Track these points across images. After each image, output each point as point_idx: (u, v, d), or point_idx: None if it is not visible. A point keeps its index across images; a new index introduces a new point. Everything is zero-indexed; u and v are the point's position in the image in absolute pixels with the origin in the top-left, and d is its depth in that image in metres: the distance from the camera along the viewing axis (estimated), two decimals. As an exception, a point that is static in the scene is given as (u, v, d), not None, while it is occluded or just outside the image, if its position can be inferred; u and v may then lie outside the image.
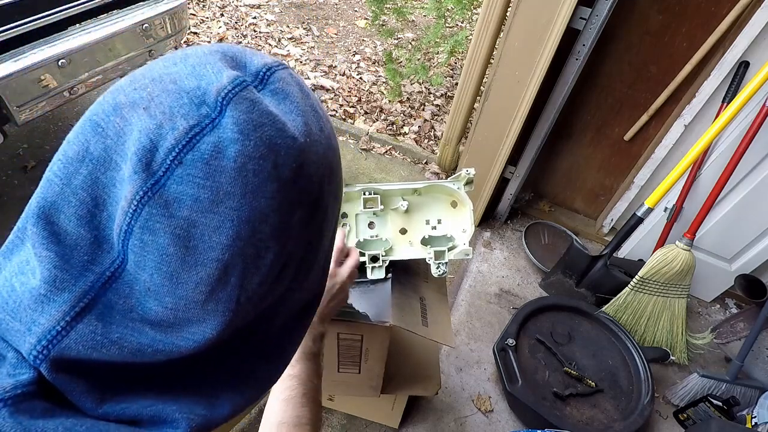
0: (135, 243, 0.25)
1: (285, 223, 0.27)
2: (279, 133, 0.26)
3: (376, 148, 2.48)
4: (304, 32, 3.32)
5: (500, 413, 1.47)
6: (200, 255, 0.25)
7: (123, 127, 0.26)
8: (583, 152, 2.02)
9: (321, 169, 0.30)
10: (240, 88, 0.26)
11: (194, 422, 0.29)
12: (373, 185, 0.97)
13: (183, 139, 0.25)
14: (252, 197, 0.25)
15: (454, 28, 3.48)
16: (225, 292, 0.27)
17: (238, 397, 0.33)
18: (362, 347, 0.99)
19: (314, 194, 0.30)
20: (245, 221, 0.25)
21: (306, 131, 0.28)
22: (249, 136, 0.25)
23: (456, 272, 1.91)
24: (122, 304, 0.26)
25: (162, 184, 0.24)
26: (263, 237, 0.27)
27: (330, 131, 0.32)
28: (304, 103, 0.30)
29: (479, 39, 1.73)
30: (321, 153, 0.30)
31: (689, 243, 1.58)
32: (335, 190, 0.33)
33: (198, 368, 0.30)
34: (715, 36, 1.52)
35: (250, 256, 0.26)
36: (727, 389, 1.48)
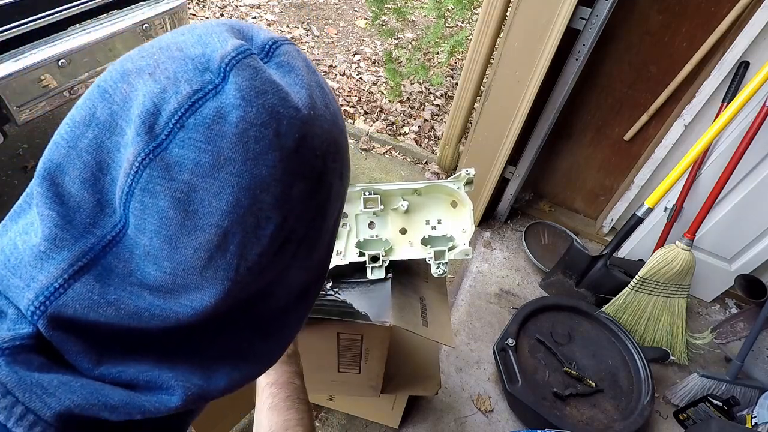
0: (136, 206, 0.25)
1: (286, 194, 0.27)
2: (282, 102, 0.27)
3: (376, 148, 2.48)
4: (304, 32, 3.32)
5: (500, 413, 1.47)
6: (200, 220, 0.26)
7: (129, 92, 0.26)
8: (583, 152, 2.02)
9: (325, 144, 0.30)
10: (244, 56, 0.26)
11: (190, 391, 0.30)
12: (373, 185, 0.97)
13: (186, 103, 0.25)
14: (253, 164, 0.25)
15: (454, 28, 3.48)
16: (224, 260, 0.27)
17: (235, 372, 0.33)
18: (362, 347, 0.99)
19: (317, 168, 0.29)
20: (245, 188, 0.26)
21: (310, 104, 0.29)
22: (251, 102, 0.25)
23: (456, 272, 1.91)
24: (122, 268, 0.27)
25: (164, 147, 0.25)
26: (264, 206, 0.27)
27: (336, 110, 0.32)
28: (309, 78, 0.30)
29: (479, 39, 1.73)
30: (326, 128, 0.30)
31: (689, 243, 1.58)
32: (340, 168, 0.33)
33: (196, 339, 0.30)
34: (715, 36, 1.52)
35: (250, 225, 0.26)
36: (727, 389, 1.48)
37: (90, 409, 0.26)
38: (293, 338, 0.38)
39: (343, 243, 0.98)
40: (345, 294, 0.95)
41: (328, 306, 0.92)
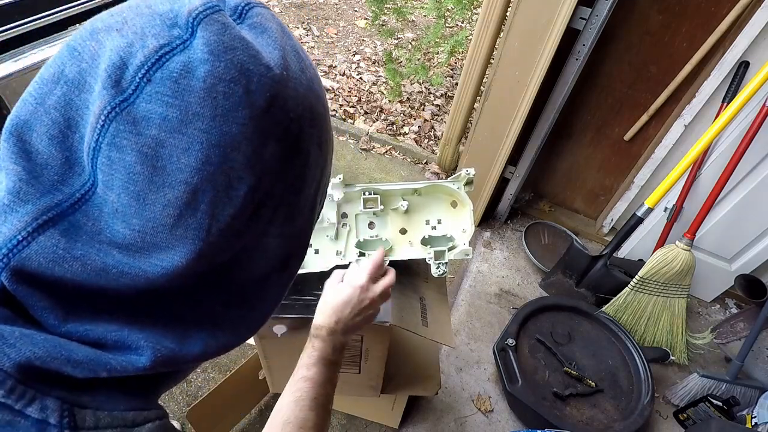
0: (103, 161, 0.25)
1: (258, 154, 0.27)
2: (252, 60, 0.26)
3: (376, 148, 2.48)
4: (304, 32, 3.32)
5: (500, 413, 1.47)
6: (168, 176, 0.25)
7: (97, 49, 0.26)
8: (583, 152, 2.02)
9: (300, 108, 0.29)
10: (212, 11, 0.26)
11: (160, 353, 0.29)
12: (373, 185, 0.97)
13: (152, 57, 0.25)
14: (222, 121, 0.25)
15: (454, 28, 3.48)
16: (194, 219, 0.26)
17: (210, 339, 0.32)
18: (362, 347, 0.99)
19: (292, 132, 0.29)
20: (215, 145, 0.25)
21: (283, 65, 0.28)
22: (219, 57, 0.25)
23: (456, 272, 1.91)
24: (90, 226, 0.26)
25: (131, 102, 0.24)
26: (235, 166, 0.26)
27: (313, 78, 0.32)
28: (284, 42, 0.30)
29: (479, 39, 1.73)
30: (301, 92, 0.29)
31: (689, 243, 1.58)
32: (318, 136, 0.32)
33: (168, 301, 0.30)
34: (715, 36, 1.52)
35: (221, 183, 0.26)
36: (727, 389, 1.48)
37: (52, 363, 0.26)
38: (273, 309, 0.38)
39: (343, 243, 0.98)
40: (345, 294, 0.95)
41: (328, 306, 0.92)
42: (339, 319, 0.69)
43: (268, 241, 0.32)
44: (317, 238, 0.99)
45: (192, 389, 1.39)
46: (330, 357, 0.65)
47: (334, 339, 0.67)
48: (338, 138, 2.49)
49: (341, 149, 2.43)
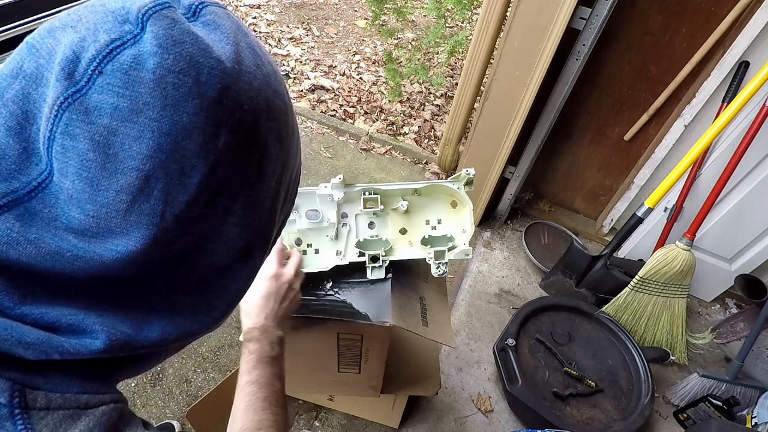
0: (57, 149, 0.26)
1: (211, 144, 0.28)
2: (202, 53, 0.27)
3: (376, 148, 2.48)
4: (304, 32, 3.32)
5: (500, 413, 1.47)
6: (120, 163, 0.26)
7: (54, 46, 0.27)
8: (583, 152, 2.02)
9: (255, 101, 0.30)
10: (162, 7, 0.27)
11: (115, 337, 0.30)
12: (373, 185, 0.97)
13: (104, 50, 0.26)
14: (173, 110, 0.26)
15: (454, 28, 3.48)
16: (148, 205, 0.27)
17: (170, 326, 0.33)
18: (362, 347, 0.99)
19: (246, 123, 0.30)
20: (166, 134, 0.26)
21: (235, 59, 0.29)
22: (168, 50, 0.26)
23: (456, 272, 1.91)
24: (47, 213, 0.27)
25: (83, 93, 0.26)
26: (187, 154, 0.27)
27: (270, 73, 0.33)
28: (238, 38, 0.31)
29: (479, 39, 1.73)
30: (255, 86, 0.30)
31: (689, 243, 1.58)
32: (278, 130, 0.33)
33: (127, 287, 0.30)
34: (715, 36, 1.52)
35: (174, 171, 0.27)
36: (727, 389, 1.48)
37: (2, 344, 0.27)
38: (238, 299, 0.38)
39: (343, 243, 0.98)
40: (345, 294, 0.95)
41: (328, 306, 0.92)
42: (267, 314, 0.70)
43: (227, 229, 0.32)
44: (317, 238, 0.99)
45: (192, 389, 1.39)
46: (270, 353, 0.65)
47: (269, 335, 0.68)
48: (338, 138, 2.49)
49: (341, 149, 2.43)
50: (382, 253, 0.96)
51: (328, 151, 2.40)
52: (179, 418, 1.31)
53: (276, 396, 0.61)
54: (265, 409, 0.58)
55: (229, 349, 1.50)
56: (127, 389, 1.37)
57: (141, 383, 1.39)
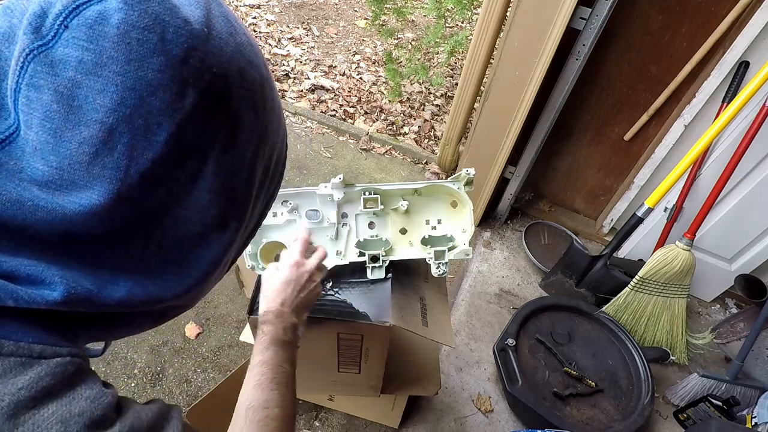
0: (23, 101, 0.26)
1: (178, 102, 0.28)
2: (168, 12, 0.28)
3: (376, 148, 2.48)
4: (304, 32, 3.32)
5: (500, 413, 1.47)
6: (84, 115, 0.26)
7: (27, 6, 0.28)
8: (583, 152, 2.02)
9: (225, 66, 0.30)
10: None
11: (75, 290, 0.30)
12: (373, 185, 0.97)
13: (70, 5, 0.26)
14: (137, 65, 0.26)
15: (454, 28, 3.48)
16: (111, 159, 0.27)
17: (137, 288, 0.33)
18: (362, 347, 0.99)
19: (216, 87, 0.30)
20: (130, 88, 0.27)
21: (205, 23, 0.29)
22: (133, 6, 0.26)
23: (456, 272, 1.91)
24: (12, 165, 0.28)
25: (49, 47, 0.26)
26: (152, 110, 0.27)
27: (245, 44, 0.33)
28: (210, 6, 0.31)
29: (479, 39, 1.73)
30: (227, 51, 0.31)
31: (689, 243, 1.58)
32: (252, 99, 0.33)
33: (93, 244, 0.30)
34: (715, 36, 1.52)
35: (138, 126, 0.27)
36: (727, 389, 1.48)
37: None
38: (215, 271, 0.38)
39: (343, 243, 0.98)
40: (345, 294, 0.95)
41: (328, 306, 0.92)
42: (284, 300, 0.70)
43: (198, 195, 0.32)
44: (317, 238, 0.99)
45: (192, 389, 1.39)
46: (282, 337, 0.66)
47: (284, 320, 0.68)
48: (338, 138, 2.49)
49: (341, 149, 2.43)
50: (382, 253, 0.96)
51: (328, 151, 2.40)
52: (179, 418, 1.31)
53: (285, 378, 0.61)
54: (273, 390, 0.59)
55: (229, 349, 1.50)
56: (127, 389, 1.37)
57: (141, 383, 1.39)
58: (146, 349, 1.47)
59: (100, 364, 1.41)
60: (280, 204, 0.97)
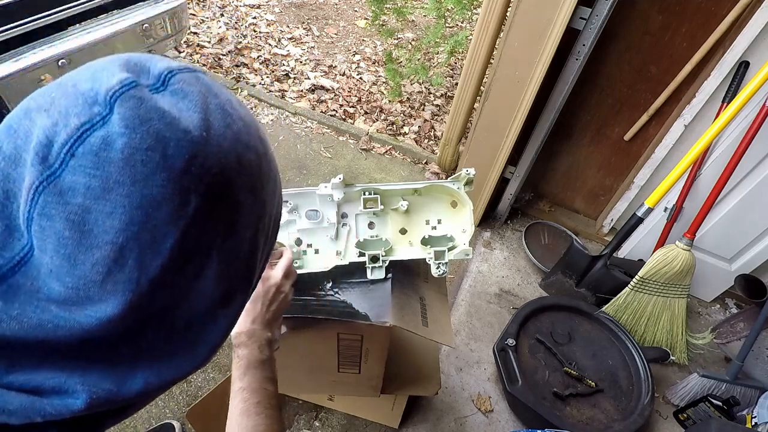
0: (36, 228, 0.28)
1: (181, 211, 0.29)
2: (168, 127, 0.29)
3: (376, 148, 2.48)
4: (304, 32, 3.32)
5: (500, 413, 1.47)
6: (95, 238, 0.28)
7: (30, 128, 0.29)
8: (583, 152, 2.02)
9: (223, 162, 0.32)
10: (128, 88, 0.29)
11: (96, 395, 0.31)
12: (373, 185, 0.97)
13: (75, 134, 0.27)
14: (142, 185, 0.28)
15: (454, 28, 3.48)
16: (123, 274, 0.29)
17: (152, 377, 0.34)
18: (362, 347, 0.99)
19: (216, 185, 0.31)
20: (137, 207, 0.28)
21: (203, 126, 0.31)
22: (135, 129, 0.28)
23: (456, 272, 1.91)
24: (30, 286, 0.29)
25: (57, 175, 0.27)
26: (158, 223, 0.29)
27: (242, 129, 0.34)
28: (207, 102, 0.32)
29: (479, 39, 1.73)
30: (225, 146, 0.32)
31: (689, 243, 1.58)
32: (251, 183, 0.35)
33: (109, 346, 0.32)
34: (715, 36, 1.52)
35: (146, 240, 0.29)
36: (727, 389, 1.48)
37: None
38: (219, 344, 0.39)
39: (343, 243, 0.98)
40: (345, 294, 0.95)
41: (328, 306, 0.92)
42: (254, 318, 0.70)
43: (204, 284, 0.33)
44: (317, 238, 0.99)
45: (192, 389, 1.39)
46: (259, 357, 0.66)
47: (257, 338, 0.68)
48: (338, 138, 2.49)
49: (341, 149, 2.43)
50: (382, 253, 0.96)
51: (328, 151, 2.40)
52: (179, 418, 1.31)
53: (269, 399, 0.62)
54: (259, 414, 0.60)
55: (229, 349, 1.50)
56: (127, 389, 1.37)
57: (141, 383, 1.39)
58: (146, 349, 1.47)
59: (100, 364, 1.41)
60: (280, 204, 0.97)
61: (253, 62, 2.90)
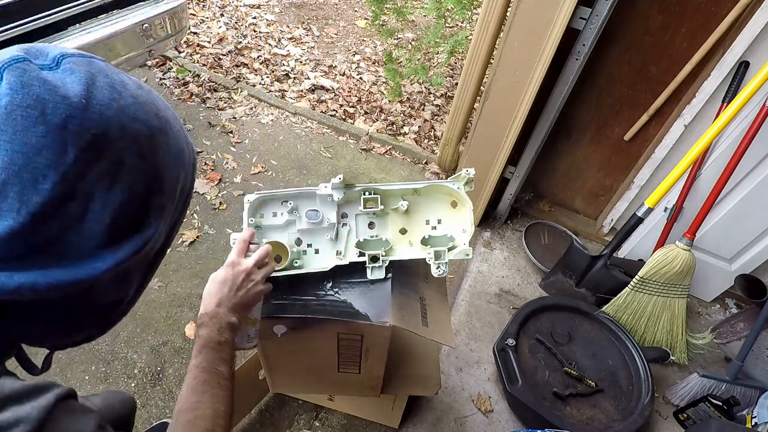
0: None
1: (60, 159, 0.37)
2: (48, 92, 0.37)
3: (376, 148, 2.48)
4: (304, 32, 3.32)
5: (500, 413, 1.47)
6: None
7: None
8: (583, 152, 2.02)
9: (106, 126, 0.39)
10: (16, 62, 0.37)
11: None
12: (373, 185, 0.97)
13: None
14: (22, 135, 0.36)
15: (454, 28, 3.48)
16: (6, 203, 0.36)
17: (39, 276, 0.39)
18: (362, 347, 0.99)
19: (94, 144, 0.38)
20: (17, 151, 0.35)
21: (85, 95, 0.39)
22: (17, 92, 0.36)
23: (456, 272, 1.91)
24: None
25: None
26: (38, 166, 0.36)
27: (129, 105, 0.42)
28: (93, 79, 0.40)
29: (479, 39, 1.73)
30: (108, 115, 0.39)
31: (689, 243, 1.57)
32: (137, 148, 0.42)
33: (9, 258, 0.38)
34: (715, 36, 1.52)
35: (27, 179, 0.36)
36: (727, 389, 1.48)
37: None
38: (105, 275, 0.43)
39: (343, 243, 0.98)
40: (345, 294, 0.95)
41: (328, 306, 0.92)
42: (219, 300, 0.74)
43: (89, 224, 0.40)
44: (317, 238, 0.99)
45: (192, 389, 1.39)
46: (216, 338, 0.69)
47: (218, 320, 0.71)
48: (338, 138, 2.49)
49: (341, 149, 2.43)
50: (382, 253, 0.96)
51: (328, 151, 2.40)
52: (179, 418, 1.31)
53: (218, 379, 0.65)
54: (204, 392, 0.62)
55: (229, 349, 1.50)
56: (128, 389, 1.37)
57: (141, 383, 1.39)
58: (146, 350, 1.47)
59: (100, 364, 1.41)
60: (280, 204, 0.97)
61: (253, 62, 2.90)
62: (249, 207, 0.94)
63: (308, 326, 0.94)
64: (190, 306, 1.61)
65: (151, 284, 1.64)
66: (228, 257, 0.79)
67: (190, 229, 1.86)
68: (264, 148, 2.32)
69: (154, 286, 1.64)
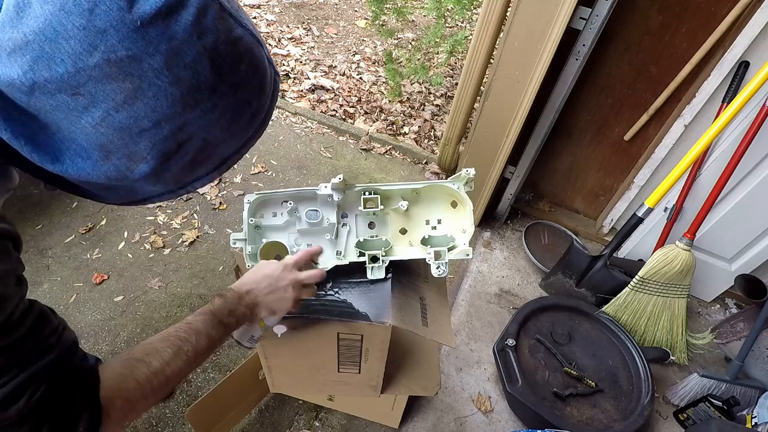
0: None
1: (83, 55, 0.36)
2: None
3: (376, 148, 2.48)
4: (304, 32, 3.32)
5: (500, 413, 1.47)
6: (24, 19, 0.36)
7: None
8: (583, 152, 2.02)
9: (140, 55, 0.38)
10: None
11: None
12: (373, 185, 0.97)
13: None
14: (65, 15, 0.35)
15: (454, 28, 3.48)
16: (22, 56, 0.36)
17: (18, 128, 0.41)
18: (362, 347, 0.99)
19: (127, 63, 0.37)
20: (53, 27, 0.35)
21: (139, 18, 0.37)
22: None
23: (456, 272, 1.91)
24: None
25: None
26: (61, 49, 0.36)
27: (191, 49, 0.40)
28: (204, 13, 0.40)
29: (479, 39, 1.73)
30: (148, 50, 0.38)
31: (689, 243, 1.57)
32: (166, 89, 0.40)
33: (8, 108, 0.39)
34: (715, 36, 1.52)
35: (45, 53, 0.36)
36: (727, 389, 1.48)
37: None
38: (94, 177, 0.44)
39: (343, 243, 0.98)
40: (345, 294, 0.95)
41: (328, 306, 0.92)
42: (252, 289, 0.73)
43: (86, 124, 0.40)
44: (317, 238, 0.99)
45: (192, 389, 1.39)
46: (221, 316, 0.67)
47: (237, 303, 0.70)
48: (338, 138, 2.49)
49: (341, 149, 2.43)
50: (382, 253, 0.96)
51: (328, 151, 2.40)
52: (179, 418, 1.31)
53: (189, 345, 0.61)
54: (170, 346, 0.59)
55: (229, 349, 1.50)
56: (127, 389, 1.37)
57: (141, 383, 1.39)
58: (146, 349, 1.47)
59: (100, 364, 1.41)
60: (280, 204, 0.97)
61: (253, 62, 2.90)
62: (249, 207, 0.94)
63: (308, 326, 0.94)
64: (190, 306, 1.61)
65: (151, 284, 1.65)
66: (287, 257, 0.77)
67: (190, 229, 1.86)
68: (264, 148, 2.32)
69: (154, 286, 1.64)
